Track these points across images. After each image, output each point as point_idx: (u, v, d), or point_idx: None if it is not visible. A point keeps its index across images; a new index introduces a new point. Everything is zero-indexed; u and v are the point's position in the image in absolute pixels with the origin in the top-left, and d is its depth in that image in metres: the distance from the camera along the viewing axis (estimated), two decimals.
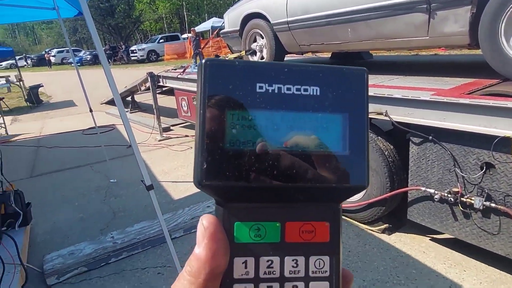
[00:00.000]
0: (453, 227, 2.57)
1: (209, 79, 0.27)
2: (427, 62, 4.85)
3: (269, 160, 0.28)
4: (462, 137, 2.37)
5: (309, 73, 0.29)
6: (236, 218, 0.29)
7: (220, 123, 0.27)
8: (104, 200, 4.19)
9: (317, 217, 0.30)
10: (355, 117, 0.29)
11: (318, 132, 0.29)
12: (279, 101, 0.28)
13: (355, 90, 0.30)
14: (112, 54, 30.47)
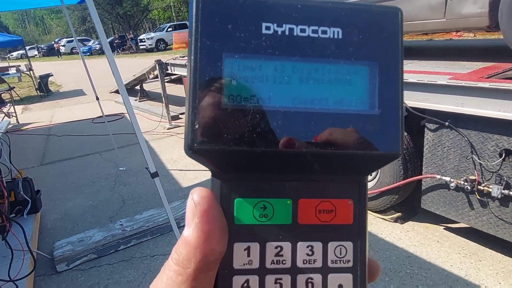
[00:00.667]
0: (469, 216, 2.49)
1: (203, 17, 0.21)
2: (442, 47, 4.70)
3: (277, 120, 0.22)
4: (480, 123, 2.28)
5: (329, 11, 0.23)
6: (237, 193, 0.23)
7: (216, 72, 0.21)
8: (114, 188, 4.19)
9: (339, 193, 0.24)
10: (386, 67, 0.23)
11: (339, 85, 0.22)
12: (290, 46, 0.22)
13: (387, 33, 0.23)
14: (120, 44, 30.47)
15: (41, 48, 42.42)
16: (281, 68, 0.22)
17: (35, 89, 12.67)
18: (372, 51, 0.23)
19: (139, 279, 2.59)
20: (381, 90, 0.22)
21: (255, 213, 0.23)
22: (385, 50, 0.23)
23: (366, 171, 0.25)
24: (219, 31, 0.21)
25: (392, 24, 0.23)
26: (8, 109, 8.42)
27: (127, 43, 30.51)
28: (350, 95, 0.22)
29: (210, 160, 0.22)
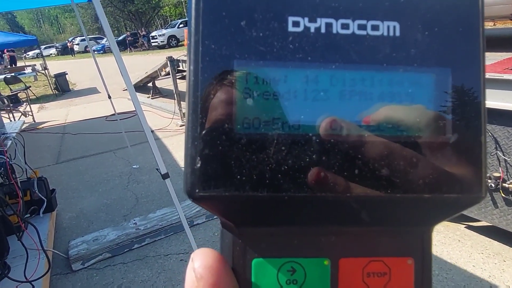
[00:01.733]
0: (493, 215, 2.38)
1: (205, 12, 0.16)
2: None
3: (311, 152, 0.16)
4: (505, 117, 2.17)
5: None
6: (256, 252, 0.18)
7: (224, 88, 0.16)
8: (127, 186, 4.20)
9: (394, 250, 0.19)
10: (463, 76, 0.17)
11: (399, 103, 0.17)
12: (328, 48, 0.16)
13: (463, 27, 0.17)
14: (133, 41, 30.69)
15: (56, 47, 43.11)
16: (315, 80, 0.16)
17: (51, 88, 12.87)
18: (443, 53, 0.17)
19: (153, 278, 2.58)
20: (455, 108, 0.17)
21: (281, 278, 0.18)
22: (461, 52, 0.17)
23: (434, 221, 0.19)
24: (228, 31, 0.16)
25: (470, 13, 0.17)
26: (25, 108, 8.56)
27: (139, 40, 30.72)
28: (417, 117, 0.16)
29: (217, 210, 0.17)
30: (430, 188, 0.16)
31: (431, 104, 0.17)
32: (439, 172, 0.16)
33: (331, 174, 0.16)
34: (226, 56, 0.16)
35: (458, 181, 0.17)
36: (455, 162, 0.17)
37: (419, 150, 0.16)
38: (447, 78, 0.17)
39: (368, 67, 0.16)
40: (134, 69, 15.02)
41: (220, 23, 0.16)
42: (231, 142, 0.16)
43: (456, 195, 0.17)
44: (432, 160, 0.16)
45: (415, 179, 0.16)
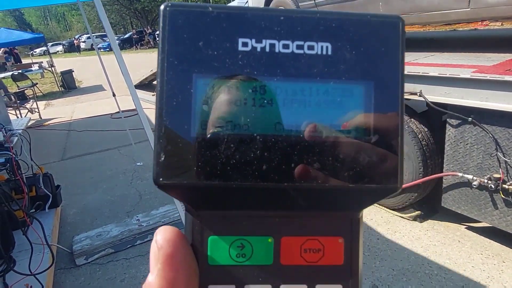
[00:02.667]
0: (493, 216, 2.39)
1: (170, 33, 0.18)
2: (466, 37, 4.52)
3: (256, 149, 0.19)
4: (506, 118, 2.17)
5: (316, 24, 0.19)
6: (211, 230, 0.21)
7: (185, 96, 0.18)
8: (131, 183, 4.24)
9: (327, 230, 0.22)
10: (384, 88, 0.19)
11: (328, 109, 0.19)
12: (271, 64, 0.19)
13: (385, 47, 0.20)
14: (139, 39, 30.81)
15: (63, 44, 43.41)
16: (260, 90, 0.19)
17: (58, 85, 12.98)
18: (367, 68, 0.19)
19: None
20: (377, 114, 0.19)
21: (232, 252, 0.21)
22: (382, 68, 0.19)
23: (359, 207, 0.21)
24: (189, 49, 0.18)
25: (391, 36, 0.20)
26: (31, 105, 8.65)
27: (145, 38, 30.83)
28: (344, 121, 0.19)
29: (179, 195, 0.20)
30: (354, 179, 0.19)
31: (357, 111, 0.19)
32: (363, 166, 0.19)
33: (271, 167, 0.18)
34: (186, 70, 0.18)
35: (378, 174, 0.19)
36: (376, 159, 0.19)
37: (345, 149, 0.19)
38: (370, 89, 0.19)
39: (305, 80, 0.19)
40: (139, 67, 15.08)
41: (182, 43, 0.18)
42: (190, 141, 0.19)
43: (376, 185, 0.19)
44: (356, 157, 0.19)
45: (342, 172, 0.19)
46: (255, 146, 0.19)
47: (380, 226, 2.90)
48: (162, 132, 0.18)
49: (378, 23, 0.20)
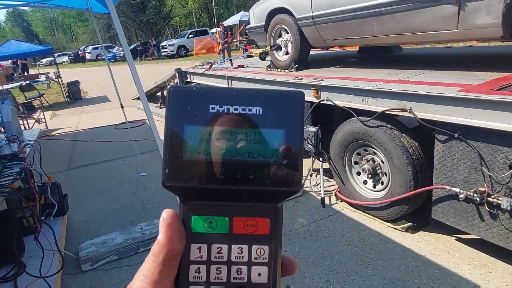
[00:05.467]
0: (479, 228, 2.50)
1: (172, 101, 0.33)
2: (460, 54, 4.68)
3: (221, 166, 0.33)
4: (490, 135, 2.30)
5: (253, 96, 0.34)
6: (193, 212, 0.34)
7: (180, 137, 0.32)
8: (135, 193, 4.38)
9: (259, 214, 0.35)
10: (291, 132, 0.34)
11: (260, 145, 0.33)
12: (228, 119, 0.33)
13: (292, 110, 0.34)
14: (143, 50, 31.27)
15: (69, 55, 44.07)
16: (221, 133, 0.33)
17: (64, 96, 13.23)
18: (282, 122, 0.34)
19: None
20: (287, 147, 0.33)
21: (205, 225, 0.34)
22: (290, 121, 0.34)
23: (278, 200, 0.35)
24: (182, 111, 0.33)
25: (296, 103, 0.34)
26: (39, 115, 8.85)
27: (149, 49, 31.28)
28: (267, 151, 0.33)
29: (175, 192, 0.34)
30: (274, 185, 0.33)
31: (275, 146, 0.33)
32: (278, 177, 0.33)
33: (227, 177, 0.32)
34: (180, 122, 0.33)
35: (287, 182, 0.33)
36: (286, 173, 0.33)
37: (268, 167, 0.33)
38: (283, 134, 0.33)
39: (247, 128, 0.33)
40: (143, 78, 15.21)
41: (179, 107, 0.32)
42: (182, 162, 0.32)
43: (286, 188, 0.33)
44: (275, 172, 0.33)
45: (267, 180, 0.33)
46: (219, 165, 0.33)
47: (373, 236, 3.01)
48: (167, 156, 0.32)
49: (289, 95, 0.34)
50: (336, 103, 3.31)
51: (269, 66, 5.00)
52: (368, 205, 3.31)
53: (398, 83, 2.96)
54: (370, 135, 3.09)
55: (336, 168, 3.60)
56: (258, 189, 0.33)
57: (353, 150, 3.41)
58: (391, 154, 2.95)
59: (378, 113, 2.92)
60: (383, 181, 3.22)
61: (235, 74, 5.05)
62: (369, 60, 4.99)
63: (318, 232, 3.16)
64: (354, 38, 3.87)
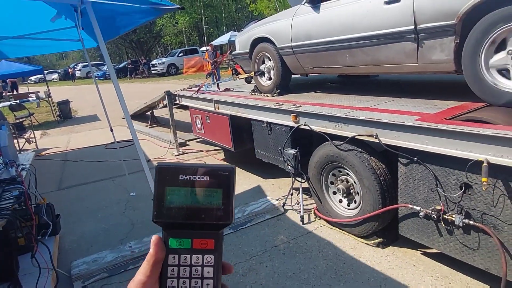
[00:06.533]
0: (439, 242, 2.77)
1: (159, 173, 0.58)
2: (432, 81, 5.03)
3: (186, 210, 0.57)
4: (443, 159, 2.59)
5: (204, 169, 0.59)
6: (170, 236, 0.57)
7: (163, 194, 0.57)
8: (124, 212, 4.56)
9: (208, 236, 0.57)
10: (226, 190, 0.58)
11: (208, 197, 0.58)
12: (190, 183, 0.58)
13: (227, 177, 0.58)
14: (133, 68, 31.58)
15: (58, 72, 44.12)
16: (186, 191, 0.57)
17: (54, 115, 13.33)
18: (221, 184, 0.58)
19: None
20: (224, 198, 0.58)
21: (176, 243, 0.56)
22: (225, 184, 0.58)
23: (219, 229, 0.57)
24: (164, 178, 0.57)
25: (229, 173, 0.59)
26: (29, 135, 8.97)
27: (139, 67, 31.61)
28: (212, 201, 0.57)
29: (160, 224, 0.58)
30: (216, 219, 0.56)
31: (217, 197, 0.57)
32: (218, 215, 0.57)
33: (188, 215, 0.57)
34: (163, 185, 0.55)
35: (223, 218, 0.57)
36: (222, 213, 0.57)
37: (213, 210, 0.57)
38: (220, 191, 0.59)
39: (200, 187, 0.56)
40: (133, 97, 15.46)
41: (163, 176, 0.55)
42: (164, 207, 0.55)
43: (223, 222, 0.57)
44: (215, 212, 0.58)
45: (212, 217, 0.57)
46: (184, 209, 0.55)
47: (347, 252, 3.26)
48: (155, 203, 0.56)
49: (226, 168, 0.58)
50: (312, 128, 3.60)
51: (253, 91, 5.30)
52: (343, 222, 3.57)
53: (366, 111, 3.26)
54: (343, 157, 3.37)
55: (314, 188, 3.87)
56: (207, 223, 0.56)
57: (329, 171, 3.69)
58: (362, 175, 3.23)
59: (349, 138, 3.21)
60: (356, 200, 3.49)
61: (221, 98, 5.32)
62: (347, 85, 5.34)
63: (297, 248, 3.39)
64: (330, 67, 4.20)
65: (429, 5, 2.96)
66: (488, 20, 2.58)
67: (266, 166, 4.79)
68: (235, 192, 0.56)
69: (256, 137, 4.70)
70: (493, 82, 2.69)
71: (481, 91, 2.79)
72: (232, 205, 0.56)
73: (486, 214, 2.44)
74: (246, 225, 3.89)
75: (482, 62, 2.73)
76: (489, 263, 2.50)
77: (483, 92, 2.78)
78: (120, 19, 3.79)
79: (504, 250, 2.37)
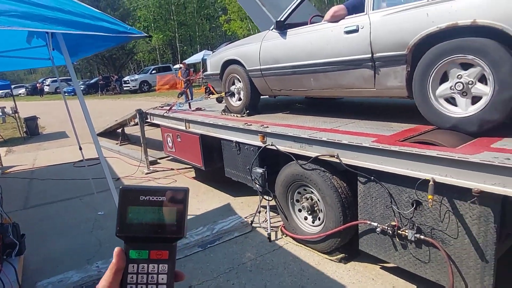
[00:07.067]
0: (394, 256, 2.96)
1: (122, 195, 0.68)
2: (390, 104, 5.36)
3: (145, 226, 0.68)
4: (396, 178, 2.80)
5: (161, 191, 0.70)
6: (130, 248, 0.66)
7: (125, 211, 0.67)
8: (92, 232, 4.51)
9: (163, 248, 0.67)
10: (180, 209, 0.70)
11: (164, 215, 0.69)
12: (149, 203, 0.68)
13: (181, 198, 0.70)
14: (105, 85, 31.13)
15: (26, 87, 42.73)
16: (145, 209, 0.67)
17: (20, 131, 12.92)
18: (175, 203, 0.69)
19: None
20: (178, 216, 0.69)
21: (136, 254, 0.65)
22: (179, 203, 0.70)
23: (172, 242, 0.67)
24: (127, 198, 0.67)
25: (183, 194, 0.69)
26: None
27: (111, 84, 31.20)
28: (167, 217, 0.67)
29: (122, 238, 0.67)
30: (170, 233, 0.66)
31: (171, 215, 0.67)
32: (172, 230, 0.67)
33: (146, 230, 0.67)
34: (126, 204, 0.65)
35: (177, 232, 0.66)
36: (176, 228, 0.67)
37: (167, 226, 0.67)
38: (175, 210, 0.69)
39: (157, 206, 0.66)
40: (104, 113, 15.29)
41: (126, 197, 0.64)
42: (126, 223, 0.64)
43: (176, 236, 0.67)
44: (170, 228, 0.68)
45: (167, 232, 0.67)
46: (143, 225, 0.64)
47: (311, 268, 3.39)
48: (119, 220, 0.66)
49: (180, 190, 0.68)
50: (279, 148, 3.77)
51: (224, 111, 5.45)
52: (307, 239, 3.71)
53: (329, 132, 3.47)
54: (307, 176, 3.55)
55: (281, 206, 4.01)
56: (162, 237, 0.66)
57: (295, 190, 3.85)
58: (324, 193, 3.40)
59: (312, 158, 3.39)
60: (320, 217, 3.65)
61: (192, 117, 5.43)
62: (314, 107, 5.59)
63: (263, 265, 3.49)
64: (296, 90, 4.42)
65: (383, 36, 3.23)
66: (432, 53, 2.87)
67: (236, 184, 4.90)
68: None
69: (226, 156, 4.82)
70: (439, 108, 2.96)
71: (429, 115, 3.05)
72: (185, 221, 0.65)
73: (435, 229, 2.66)
74: (214, 243, 3.95)
75: (430, 89, 3.00)
76: (438, 275, 2.70)
77: (431, 116, 3.04)
78: (89, 42, 3.87)
79: (451, 262, 2.58)
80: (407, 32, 3.02)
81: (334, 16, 3.68)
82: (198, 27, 38.84)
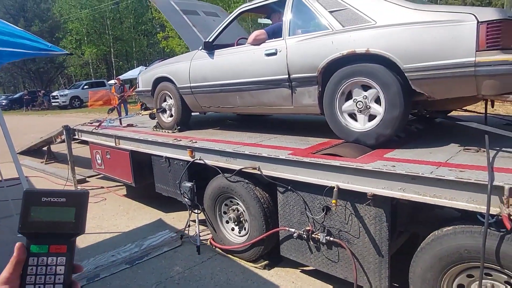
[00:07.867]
0: (310, 259, 3.23)
1: (25, 197, 0.78)
2: (313, 120, 5.80)
3: (45, 223, 0.78)
4: (309, 187, 3.09)
5: (63, 193, 0.80)
6: (31, 243, 0.73)
7: (28, 210, 0.75)
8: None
9: (62, 243, 0.75)
10: (79, 209, 0.78)
11: (64, 214, 0.80)
12: (50, 203, 0.77)
13: (80, 199, 0.80)
14: (30, 100, 28.93)
15: None
16: (47, 209, 0.74)
17: None
18: (75, 203, 0.77)
19: None
20: (76, 214, 0.80)
21: (37, 248, 0.72)
22: (78, 203, 0.77)
23: (71, 238, 0.75)
24: (31, 199, 0.73)
25: (83, 196, 0.79)
26: None
27: (38, 99, 29.09)
28: (67, 216, 0.76)
29: (24, 235, 0.77)
30: (68, 230, 0.76)
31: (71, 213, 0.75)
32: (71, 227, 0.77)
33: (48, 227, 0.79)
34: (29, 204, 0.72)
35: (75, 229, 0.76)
36: (74, 226, 0.78)
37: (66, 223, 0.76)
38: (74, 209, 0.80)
39: (57, 206, 0.77)
40: (29, 130, 14.27)
41: (29, 199, 0.72)
42: (28, 221, 0.72)
43: (74, 232, 0.77)
44: (69, 225, 0.79)
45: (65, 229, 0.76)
46: (44, 223, 0.72)
47: (237, 276, 3.54)
48: (21, 218, 0.72)
49: (79, 193, 0.78)
50: (206, 162, 3.92)
51: (155, 127, 5.48)
52: (234, 249, 3.87)
53: (252, 146, 3.71)
54: (232, 188, 3.73)
55: (209, 218, 4.13)
56: (61, 232, 0.74)
57: (222, 202, 4.01)
58: (248, 204, 3.61)
59: (236, 170, 3.60)
60: (245, 227, 3.84)
61: (122, 133, 5.38)
62: (243, 123, 5.86)
63: (191, 277, 3.57)
64: (224, 107, 4.64)
65: (298, 59, 3.58)
66: (337, 75, 3.26)
67: (168, 200, 4.93)
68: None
69: (156, 172, 4.85)
70: (345, 124, 3.34)
71: (337, 130, 3.43)
72: (84, 219, 0.74)
73: (341, 231, 2.97)
74: (142, 259, 3.94)
75: (337, 107, 3.38)
76: (346, 273, 3.01)
77: (338, 131, 3.42)
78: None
79: (355, 259, 2.90)
80: (317, 57, 3.40)
81: (256, 39, 3.98)
82: (135, 42, 37.89)
